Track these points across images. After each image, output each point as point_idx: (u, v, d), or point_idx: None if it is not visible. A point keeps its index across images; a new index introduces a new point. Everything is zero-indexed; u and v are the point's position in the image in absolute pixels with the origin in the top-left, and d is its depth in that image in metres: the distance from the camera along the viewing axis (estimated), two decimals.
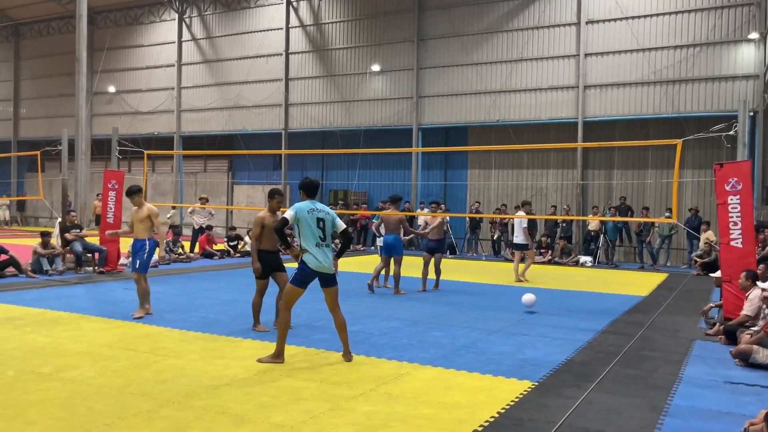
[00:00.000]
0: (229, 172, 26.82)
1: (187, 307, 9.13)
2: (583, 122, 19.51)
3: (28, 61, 31.80)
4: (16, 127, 32.07)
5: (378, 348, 6.80)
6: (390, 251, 11.02)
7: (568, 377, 5.80)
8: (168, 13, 27.48)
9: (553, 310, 9.59)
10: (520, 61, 20.54)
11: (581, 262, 17.59)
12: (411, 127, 22.08)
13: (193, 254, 16.63)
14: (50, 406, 4.69)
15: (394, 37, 22.53)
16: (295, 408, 4.76)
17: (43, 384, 5.25)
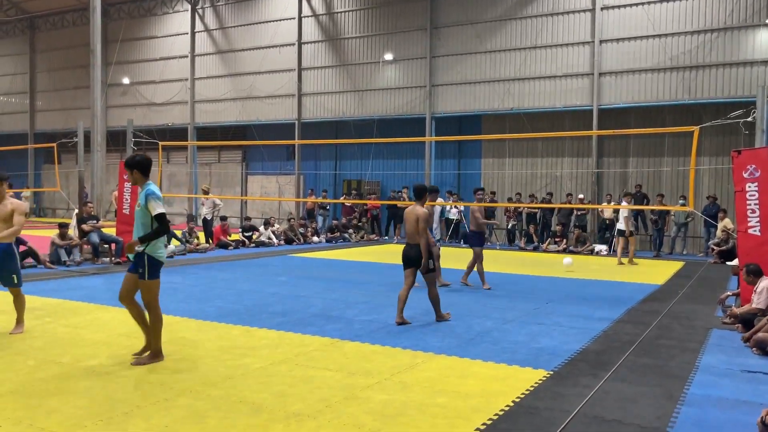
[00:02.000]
0: (243, 163, 26.92)
1: (203, 297, 9.21)
2: (598, 110, 19.32)
3: (44, 54, 32.03)
4: (33, 119, 32.37)
5: (393, 336, 6.83)
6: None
7: (584, 366, 5.79)
8: (181, 3, 27.52)
9: (568, 299, 9.56)
10: (535, 49, 20.35)
11: (596, 251, 17.48)
12: (424, 116, 22.00)
13: (206, 245, 16.69)
14: (70, 394, 4.76)
15: (407, 25, 22.41)
16: (312, 396, 4.80)
17: (63, 371, 5.32)
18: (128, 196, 13.39)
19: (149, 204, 5.61)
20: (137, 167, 5.80)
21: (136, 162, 5.81)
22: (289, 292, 9.87)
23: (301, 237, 19.11)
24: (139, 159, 5.83)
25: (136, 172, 5.81)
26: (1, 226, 6.67)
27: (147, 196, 5.62)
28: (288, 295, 9.58)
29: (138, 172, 5.81)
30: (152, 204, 5.61)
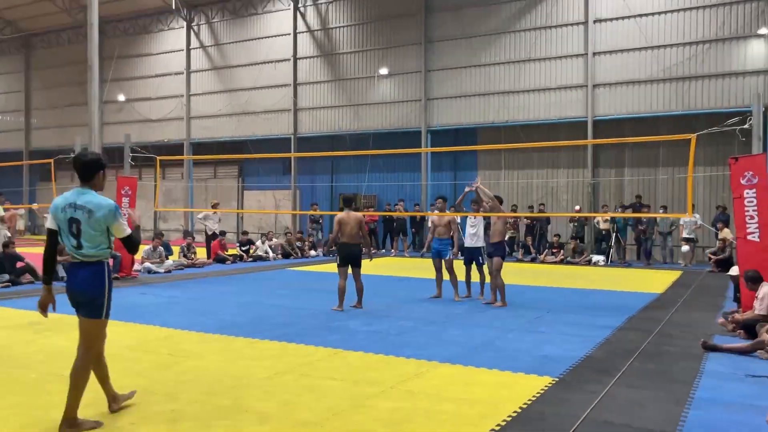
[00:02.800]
0: (239, 178, 26.93)
1: (203, 311, 9.17)
2: (593, 121, 19.46)
3: (39, 71, 32.07)
4: (28, 137, 32.33)
5: (396, 346, 6.81)
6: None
7: (589, 372, 5.79)
8: (176, 21, 27.67)
9: (569, 308, 9.57)
10: (529, 62, 20.53)
11: (594, 262, 17.52)
12: (420, 129, 22.10)
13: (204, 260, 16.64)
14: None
15: (402, 39, 22.58)
16: (318, 405, 4.78)
17: (66, 385, 5.27)
18: (126, 211, 13.34)
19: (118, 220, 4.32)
20: (102, 167, 4.41)
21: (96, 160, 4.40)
22: (290, 304, 9.85)
23: (298, 251, 19.09)
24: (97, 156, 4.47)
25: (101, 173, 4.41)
26: None
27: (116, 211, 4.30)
28: (288, 307, 9.56)
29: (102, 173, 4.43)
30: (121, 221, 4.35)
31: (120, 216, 4.29)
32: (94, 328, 4.37)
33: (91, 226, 4.20)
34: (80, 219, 4.20)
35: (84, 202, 4.22)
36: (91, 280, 4.26)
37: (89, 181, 4.33)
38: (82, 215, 4.20)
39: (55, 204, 4.29)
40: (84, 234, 4.21)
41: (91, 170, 4.33)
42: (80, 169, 4.33)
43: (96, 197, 4.28)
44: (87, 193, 4.27)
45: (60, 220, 4.26)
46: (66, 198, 4.28)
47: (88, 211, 4.20)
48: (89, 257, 4.26)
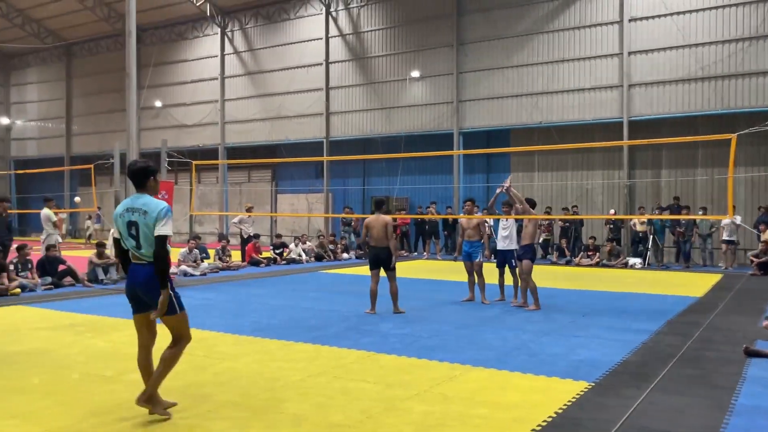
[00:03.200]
0: (272, 182, 27.22)
1: (238, 313, 9.29)
2: (628, 122, 19.14)
3: (80, 79, 32.96)
4: (69, 143, 33.24)
5: (429, 350, 6.79)
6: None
7: (626, 378, 5.68)
8: (211, 27, 28.13)
9: (605, 312, 9.42)
10: (562, 62, 20.31)
11: (630, 264, 17.21)
12: (452, 131, 22.03)
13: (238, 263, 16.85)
14: (114, 406, 4.84)
15: (434, 42, 22.55)
16: (352, 408, 4.79)
17: (107, 386, 5.42)
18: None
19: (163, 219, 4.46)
20: (151, 173, 4.68)
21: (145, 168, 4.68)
22: (323, 306, 9.91)
23: (331, 253, 19.19)
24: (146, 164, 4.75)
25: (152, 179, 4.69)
26: None
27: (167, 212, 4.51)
28: (321, 309, 9.62)
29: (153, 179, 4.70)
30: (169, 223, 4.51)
31: (167, 217, 4.45)
32: (176, 322, 4.61)
33: (147, 226, 4.43)
34: (137, 221, 4.46)
35: (140, 204, 4.50)
36: (151, 278, 4.44)
37: (143, 187, 4.62)
38: (139, 217, 4.46)
39: (115, 212, 4.61)
40: (141, 234, 4.45)
41: (142, 177, 4.62)
42: (132, 177, 4.64)
43: (150, 200, 4.55)
44: (142, 197, 4.56)
45: (119, 225, 4.56)
46: (124, 204, 4.59)
47: (144, 212, 4.45)
48: (148, 257, 4.47)
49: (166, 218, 4.44)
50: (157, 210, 4.45)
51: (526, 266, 9.58)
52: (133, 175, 4.63)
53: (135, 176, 4.62)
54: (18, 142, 35.60)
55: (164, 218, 4.43)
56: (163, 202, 4.58)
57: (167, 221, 4.45)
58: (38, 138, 34.60)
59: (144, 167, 4.65)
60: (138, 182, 4.62)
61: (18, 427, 4.38)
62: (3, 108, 35.41)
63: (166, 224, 4.44)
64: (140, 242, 4.46)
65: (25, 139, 35.31)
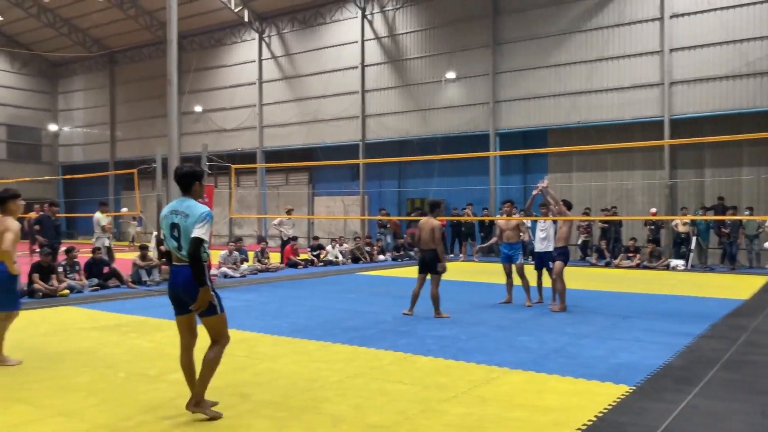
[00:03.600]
0: (309, 184, 27.48)
1: (277, 314, 9.42)
2: (669, 120, 18.73)
3: (123, 86, 33.86)
4: (113, 148, 34.16)
5: (466, 352, 6.78)
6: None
7: (668, 382, 5.58)
8: (248, 33, 28.57)
9: (646, 315, 9.25)
10: (601, 61, 20.00)
11: (672, 266, 16.83)
12: (488, 132, 21.90)
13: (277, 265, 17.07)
14: (159, 405, 4.97)
15: (470, 43, 22.47)
16: (389, 409, 4.83)
17: (151, 385, 5.57)
18: None
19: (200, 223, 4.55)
20: (196, 177, 4.78)
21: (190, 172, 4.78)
22: (360, 308, 9.98)
23: (367, 255, 19.28)
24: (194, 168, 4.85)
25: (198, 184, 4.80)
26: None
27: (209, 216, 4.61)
28: (358, 311, 9.69)
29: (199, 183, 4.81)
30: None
31: (206, 222, 4.53)
32: (216, 323, 4.69)
33: (187, 229, 4.55)
34: (179, 223, 4.59)
35: (183, 207, 4.63)
36: (191, 279, 4.53)
37: (188, 191, 4.75)
38: (181, 219, 4.59)
39: (162, 213, 4.77)
40: (183, 237, 4.58)
41: (188, 181, 4.74)
42: (179, 181, 4.77)
43: (194, 203, 4.66)
44: (187, 201, 4.69)
45: (164, 226, 4.70)
46: (170, 206, 4.75)
47: (185, 215, 4.58)
48: (188, 259, 4.56)
49: (204, 222, 4.52)
50: (197, 214, 4.55)
51: (558, 267, 9.56)
52: (180, 180, 4.75)
53: (181, 180, 4.75)
54: (65, 148, 36.75)
55: (202, 222, 4.51)
56: (206, 207, 4.67)
57: (205, 225, 4.52)
58: (84, 144, 35.65)
59: (190, 172, 4.76)
60: (184, 186, 4.75)
61: (66, 424, 4.54)
62: (51, 115, 36.61)
63: (203, 228, 4.51)
64: (181, 244, 4.58)
65: (72, 145, 36.43)
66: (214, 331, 4.71)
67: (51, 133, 36.47)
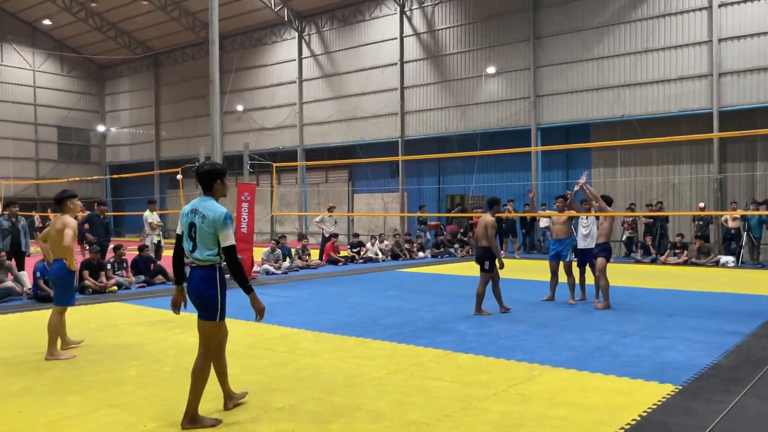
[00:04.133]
0: (349, 182, 27.63)
1: (317, 310, 9.52)
2: (718, 112, 18.17)
3: (167, 87, 34.65)
4: (158, 148, 35.00)
5: (507, 350, 6.73)
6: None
7: (716, 381, 5.43)
8: (288, 32, 28.87)
9: (693, 313, 9.01)
10: (645, 52, 19.52)
11: (722, 263, 16.33)
12: (529, 127, 21.63)
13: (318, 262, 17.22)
14: (203, 400, 5.07)
15: (510, 37, 22.22)
16: (429, 406, 4.83)
17: None
18: (245, 216, 14.10)
19: (227, 228, 4.45)
20: (218, 176, 4.61)
21: (212, 170, 4.61)
22: (399, 305, 10.00)
23: (406, 252, 19.29)
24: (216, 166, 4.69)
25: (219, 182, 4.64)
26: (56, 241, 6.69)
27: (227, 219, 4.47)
28: (398, 308, 9.71)
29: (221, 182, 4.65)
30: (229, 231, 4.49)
31: (229, 225, 4.42)
32: (209, 329, 4.55)
33: (203, 230, 4.41)
34: (197, 223, 4.44)
35: (202, 207, 4.45)
36: (204, 282, 4.45)
37: (210, 190, 4.58)
38: (198, 220, 4.43)
39: (182, 211, 4.61)
40: (198, 237, 4.43)
41: (209, 180, 4.56)
42: (200, 179, 4.59)
43: (213, 204, 4.49)
44: (207, 200, 4.52)
45: (182, 224, 4.55)
46: (191, 205, 4.57)
47: (203, 216, 4.42)
48: (202, 261, 4.47)
49: (226, 228, 4.38)
50: (215, 215, 4.38)
51: (600, 264, 9.42)
52: (201, 178, 4.58)
53: (202, 179, 4.57)
54: (112, 149, 37.84)
55: (225, 228, 4.38)
56: (224, 208, 4.50)
57: (229, 229, 4.40)
58: (130, 144, 36.63)
59: (211, 170, 4.57)
60: (205, 185, 4.58)
61: (117, 416, 4.69)
62: (99, 116, 37.73)
63: (229, 233, 4.40)
64: (196, 244, 4.44)
65: (118, 145, 37.48)
66: (205, 336, 4.54)
67: (99, 133, 37.59)
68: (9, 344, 7.29)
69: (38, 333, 7.83)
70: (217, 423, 4.50)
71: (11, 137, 33.83)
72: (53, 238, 6.79)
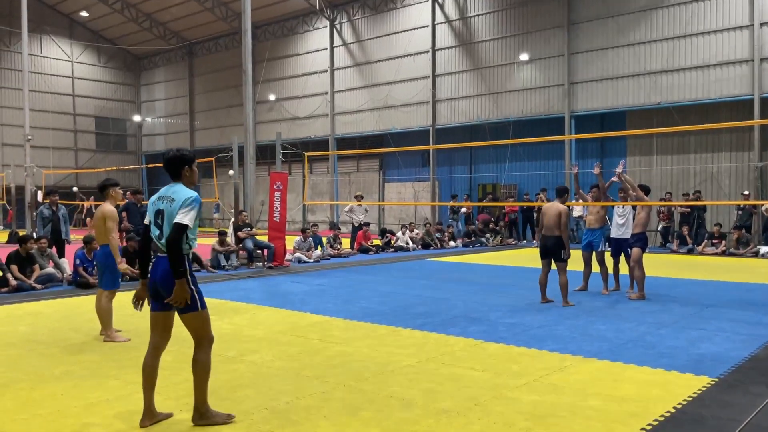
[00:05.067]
0: (380, 171, 27.66)
1: (349, 299, 9.59)
2: (760, 98, 17.64)
3: (200, 77, 35.08)
4: (192, 137, 35.51)
5: (538, 340, 6.69)
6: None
7: (754, 374, 5.32)
8: (320, 21, 28.92)
9: (731, 304, 8.82)
10: (683, 38, 19.04)
11: (762, 253, 15.93)
12: (563, 115, 21.33)
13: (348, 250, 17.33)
14: (238, 385, 5.19)
15: (543, 23, 21.89)
16: (460, 395, 4.84)
17: (230, 366, 5.81)
18: (278, 205, 14.24)
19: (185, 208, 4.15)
20: (185, 162, 4.35)
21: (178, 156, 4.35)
22: (430, 294, 10.00)
23: (437, 242, 19.27)
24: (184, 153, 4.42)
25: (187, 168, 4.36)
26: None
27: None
28: (429, 297, 9.72)
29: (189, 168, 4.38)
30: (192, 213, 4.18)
31: (194, 207, 4.13)
32: (195, 320, 4.31)
33: (172, 214, 4.14)
34: (164, 209, 4.19)
35: (171, 193, 4.22)
36: (170, 271, 4.12)
37: (177, 177, 4.32)
38: (166, 205, 4.19)
39: (149, 201, 4.37)
40: (166, 223, 4.17)
41: (175, 166, 4.30)
42: (166, 166, 4.33)
43: (182, 188, 4.25)
44: (175, 186, 4.28)
45: (149, 213, 4.32)
46: (158, 193, 4.33)
47: (171, 200, 4.18)
48: None
49: (190, 207, 4.09)
50: (183, 198, 4.13)
51: (635, 254, 9.29)
52: (168, 165, 4.30)
53: (169, 165, 4.30)
54: (148, 138, 38.53)
55: (187, 207, 4.09)
56: (194, 192, 4.25)
57: (191, 211, 4.10)
58: (165, 133, 37.24)
59: (177, 156, 4.31)
60: (172, 172, 4.30)
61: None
62: (135, 106, 38.43)
63: (188, 213, 4.09)
64: (163, 232, 4.17)
65: (153, 135, 38.15)
66: (194, 330, 4.31)
67: (135, 123, 38.29)
68: (50, 328, 7.53)
69: (78, 318, 8.06)
70: (230, 419, 4.34)
71: (51, 127, 34.69)
72: (96, 225, 7.04)
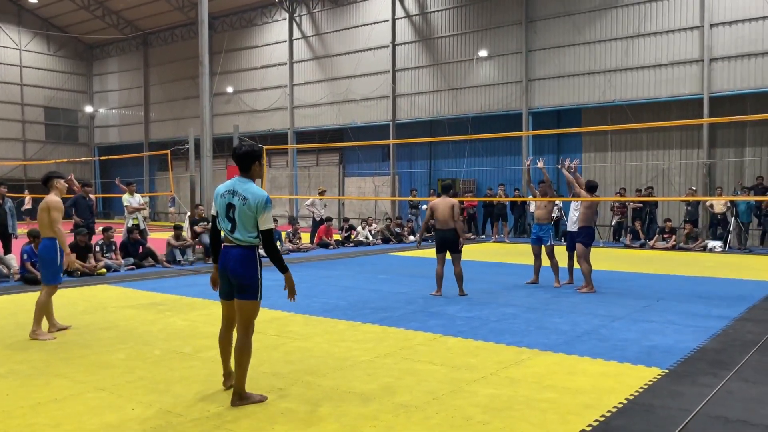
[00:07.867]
0: (340, 165, 27.55)
1: (308, 294, 9.50)
2: (709, 98, 18.20)
3: (156, 67, 34.26)
4: (147, 129, 34.69)
5: (496, 333, 6.77)
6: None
7: (703, 365, 5.49)
8: (279, 13, 28.56)
9: (681, 297, 9.09)
10: (637, 37, 19.48)
11: (710, 248, 16.47)
12: (521, 111, 21.60)
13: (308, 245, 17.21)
14: (193, 381, 5.09)
15: (502, 20, 22.10)
16: (418, 389, 4.85)
17: (185, 362, 5.70)
18: None
19: (267, 211, 4.52)
20: (256, 157, 4.64)
21: (250, 152, 4.63)
22: (390, 289, 10.01)
23: (397, 236, 19.30)
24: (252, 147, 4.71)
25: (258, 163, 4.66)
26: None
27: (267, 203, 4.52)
28: (389, 291, 9.73)
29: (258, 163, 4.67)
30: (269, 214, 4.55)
31: (269, 208, 4.48)
32: (251, 308, 4.60)
33: (244, 212, 4.44)
34: (236, 205, 4.46)
35: (242, 190, 4.47)
36: (242, 262, 4.50)
37: (247, 172, 4.58)
38: (239, 201, 4.45)
39: (217, 191, 4.61)
40: (238, 219, 4.46)
41: (247, 161, 4.56)
42: (237, 161, 4.58)
43: (253, 186, 4.51)
44: (246, 183, 4.52)
45: (218, 205, 4.58)
46: (226, 185, 4.57)
47: (244, 198, 4.43)
48: (241, 241, 4.51)
49: (267, 211, 4.45)
50: (257, 199, 4.43)
51: (579, 249, 9.52)
52: (239, 160, 4.57)
53: (240, 160, 4.57)
54: (101, 130, 37.47)
55: (265, 211, 4.44)
56: (264, 192, 4.54)
57: (268, 214, 4.47)
58: (119, 125, 36.28)
59: (249, 151, 4.58)
60: (243, 166, 4.57)
61: (105, 399, 4.68)
62: (87, 97, 37.31)
63: (269, 217, 4.48)
64: (236, 226, 4.48)
65: (107, 126, 37.11)
66: (246, 316, 4.58)
67: (87, 114, 37.19)
68: None
69: (25, 315, 7.78)
70: (264, 399, 4.59)
71: None
72: (39, 218, 6.80)
